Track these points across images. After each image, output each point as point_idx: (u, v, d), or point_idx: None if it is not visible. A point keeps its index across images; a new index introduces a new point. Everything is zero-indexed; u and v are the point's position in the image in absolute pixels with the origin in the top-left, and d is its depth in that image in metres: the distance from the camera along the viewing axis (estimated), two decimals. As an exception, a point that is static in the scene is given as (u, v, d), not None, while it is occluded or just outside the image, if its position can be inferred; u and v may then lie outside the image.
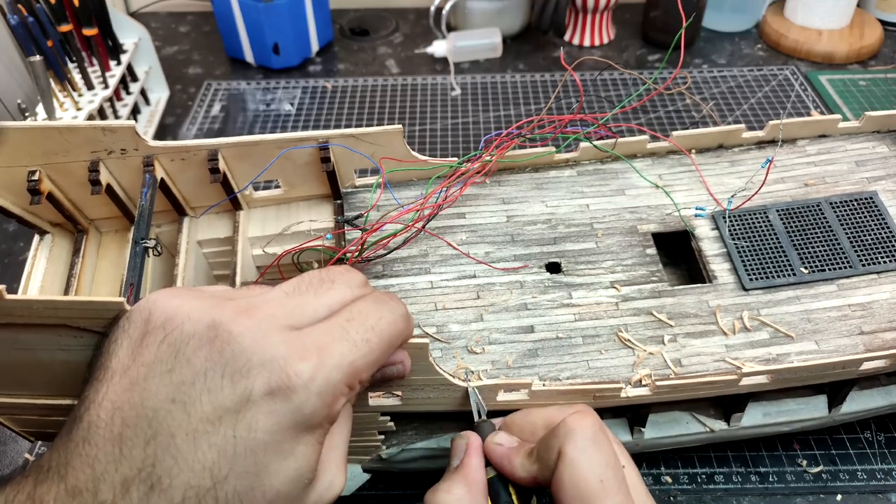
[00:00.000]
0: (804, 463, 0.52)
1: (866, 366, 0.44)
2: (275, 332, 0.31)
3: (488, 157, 0.53)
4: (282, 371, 0.29)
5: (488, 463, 0.38)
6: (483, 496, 0.36)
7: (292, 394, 0.29)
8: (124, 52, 0.85)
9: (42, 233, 0.51)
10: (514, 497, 0.37)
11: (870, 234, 0.51)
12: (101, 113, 0.80)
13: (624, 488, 0.34)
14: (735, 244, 0.51)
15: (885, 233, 0.51)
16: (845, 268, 0.50)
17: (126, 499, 0.27)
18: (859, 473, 0.52)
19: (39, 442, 0.55)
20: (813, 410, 0.49)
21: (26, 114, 0.73)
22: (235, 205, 0.53)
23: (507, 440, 0.38)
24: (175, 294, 0.32)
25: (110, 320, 0.32)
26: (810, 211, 0.53)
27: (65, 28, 0.77)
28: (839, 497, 0.50)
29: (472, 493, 0.36)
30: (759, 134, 0.58)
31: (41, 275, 0.49)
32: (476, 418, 0.41)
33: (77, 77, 0.79)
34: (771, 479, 0.51)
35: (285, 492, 0.30)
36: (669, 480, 0.52)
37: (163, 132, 0.89)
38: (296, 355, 0.30)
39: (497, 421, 0.41)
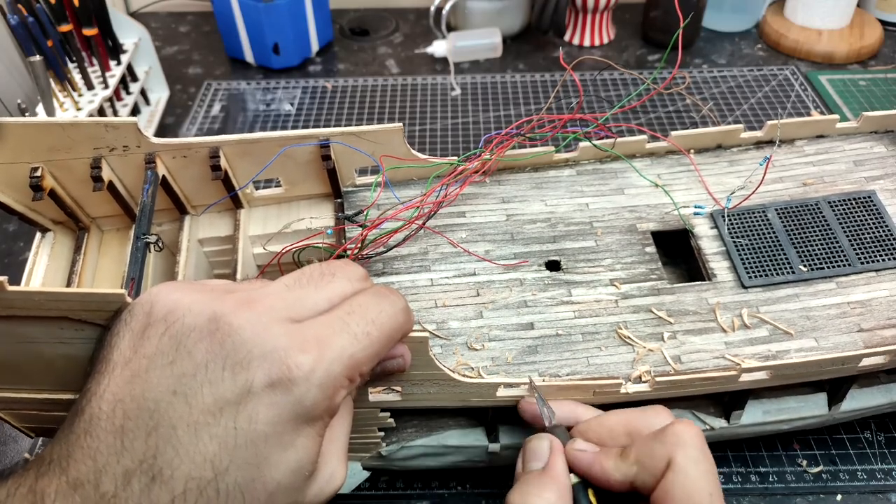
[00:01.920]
0: (804, 463, 0.52)
1: (865, 362, 0.44)
2: (275, 325, 0.31)
3: (488, 156, 0.53)
4: (282, 363, 0.30)
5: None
6: (570, 502, 0.36)
7: (293, 386, 0.30)
8: (124, 52, 0.85)
9: (43, 230, 0.51)
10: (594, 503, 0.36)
11: (868, 233, 0.52)
12: (101, 113, 0.80)
13: None
14: (734, 242, 0.51)
15: (884, 231, 0.52)
16: (844, 266, 0.50)
17: (127, 490, 0.27)
18: (859, 473, 0.52)
19: (40, 440, 0.55)
20: (813, 408, 0.49)
21: (26, 114, 0.73)
22: (236, 203, 0.54)
23: (588, 446, 0.37)
24: (176, 287, 0.32)
25: (112, 313, 0.32)
26: (809, 210, 0.53)
27: (65, 28, 0.78)
28: (839, 497, 0.50)
29: (563, 498, 0.35)
30: (758, 134, 0.58)
31: (42, 272, 0.49)
32: (547, 424, 0.40)
33: (77, 77, 0.79)
34: (771, 479, 0.51)
35: (286, 483, 0.30)
36: (669, 479, 0.52)
37: (163, 132, 0.89)
38: (296, 347, 0.30)
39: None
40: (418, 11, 1.14)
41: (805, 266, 0.50)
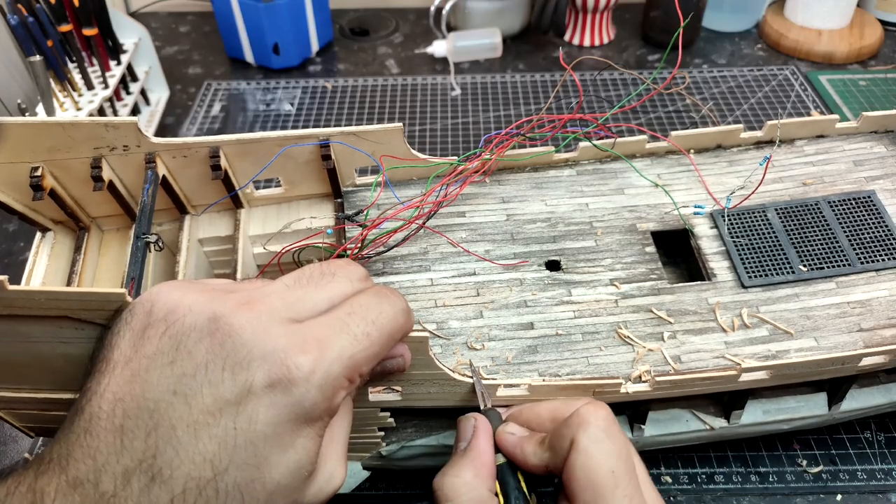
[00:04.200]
0: (804, 463, 0.52)
1: (865, 362, 0.44)
2: (275, 325, 0.31)
3: (488, 156, 0.53)
4: (282, 364, 0.30)
5: (497, 450, 0.38)
6: (492, 480, 0.36)
7: (293, 386, 0.30)
8: (124, 52, 0.85)
9: (44, 230, 0.51)
10: (522, 484, 0.37)
11: (868, 233, 0.52)
12: (101, 113, 0.80)
13: (634, 481, 0.34)
14: (734, 242, 0.51)
15: (883, 231, 0.52)
16: (844, 266, 0.50)
17: (127, 490, 0.27)
18: (859, 473, 0.52)
19: (40, 440, 0.55)
20: (813, 408, 0.49)
21: (26, 114, 0.73)
22: (236, 203, 0.54)
23: (518, 430, 0.38)
24: (177, 287, 0.32)
25: (112, 312, 0.32)
26: (809, 210, 0.53)
27: (65, 28, 0.78)
28: (839, 497, 0.50)
29: (480, 477, 0.36)
30: (758, 134, 0.58)
31: (42, 272, 0.49)
32: (482, 406, 0.41)
33: (77, 77, 0.79)
34: (771, 479, 0.51)
35: (285, 484, 0.30)
36: (669, 480, 0.52)
37: (163, 132, 0.89)
38: (296, 348, 0.30)
39: (502, 411, 0.42)
40: (418, 11, 1.14)
41: (805, 266, 0.50)
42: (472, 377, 0.42)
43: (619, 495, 0.33)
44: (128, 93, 0.87)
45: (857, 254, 0.50)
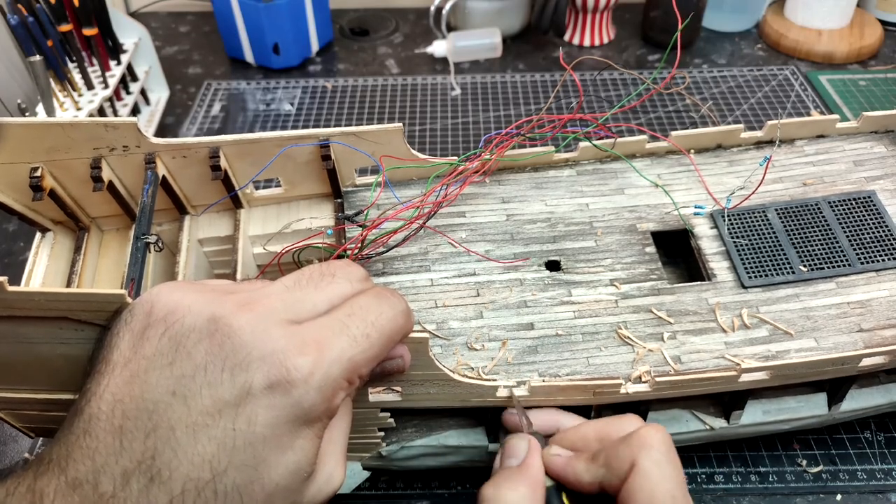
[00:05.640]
0: (804, 463, 0.52)
1: (865, 362, 0.44)
2: (275, 327, 0.31)
3: (488, 156, 0.53)
4: (281, 365, 0.30)
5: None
6: (542, 501, 0.36)
7: (291, 388, 0.30)
8: (124, 52, 0.85)
9: (43, 230, 0.51)
10: None
11: (868, 233, 0.52)
12: (101, 113, 0.80)
13: None
14: (734, 242, 0.51)
15: (883, 231, 0.52)
16: (844, 266, 0.50)
17: (126, 491, 0.27)
18: (859, 473, 0.52)
19: (40, 440, 0.55)
20: (813, 408, 0.49)
21: (26, 114, 0.73)
22: (236, 203, 0.54)
23: (563, 451, 0.38)
24: (177, 287, 0.32)
25: (111, 313, 0.32)
26: (809, 210, 0.53)
27: (65, 28, 0.78)
28: (839, 497, 0.50)
29: (535, 493, 0.36)
30: (758, 134, 0.58)
31: (42, 272, 0.49)
32: (525, 431, 0.41)
33: (77, 77, 0.79)
34: (771, 479, 0.51)
35: (284, 485, 0.30)
36: (669, 479, 0.52)
37: (163, 132, 0.89)
38: (295, 349, 0.30)
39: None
40: (418, 11, 1.14)
41: (805, 266, 0.50)
42: (514, 406, 0.42)
43: None
44: (128, 93, 0.87)
45: (857, 254, 0.50)
